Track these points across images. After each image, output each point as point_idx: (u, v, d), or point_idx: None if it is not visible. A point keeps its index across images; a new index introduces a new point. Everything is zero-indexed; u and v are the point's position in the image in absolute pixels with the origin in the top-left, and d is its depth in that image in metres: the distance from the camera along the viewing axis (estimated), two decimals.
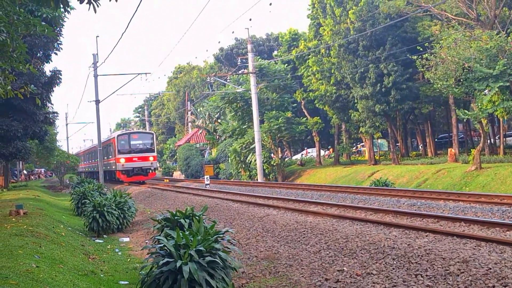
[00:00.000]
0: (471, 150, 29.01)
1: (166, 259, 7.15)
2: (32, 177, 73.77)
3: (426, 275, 7.16)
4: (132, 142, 38.92)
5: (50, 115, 28.25)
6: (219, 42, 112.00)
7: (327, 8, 37.46)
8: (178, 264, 6.93)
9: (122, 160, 38.19)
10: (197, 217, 9.45)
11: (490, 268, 6.83)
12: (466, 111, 25.90)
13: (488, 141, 33.10)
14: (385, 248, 8.65)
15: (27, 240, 10.86)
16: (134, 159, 38.18)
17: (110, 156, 41.40)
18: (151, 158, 38.86)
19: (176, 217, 9.84)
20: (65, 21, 22.97)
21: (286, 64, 43.52)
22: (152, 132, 43.92)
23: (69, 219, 19.11)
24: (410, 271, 7.44)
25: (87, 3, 6.36)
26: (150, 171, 39.27)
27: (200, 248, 7.16)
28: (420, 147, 48.70)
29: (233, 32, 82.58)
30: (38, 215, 16.10)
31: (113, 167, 40.00)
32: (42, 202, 23.57)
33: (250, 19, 77.09)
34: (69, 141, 72.62)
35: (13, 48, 9.34)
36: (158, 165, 53.75)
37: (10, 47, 9.28)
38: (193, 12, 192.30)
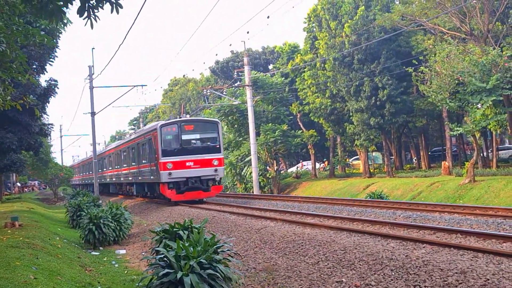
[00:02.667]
0: (465, 163, 29.19)
1: (166, 270, 7.18)
2: (25, 189, 73.32)
3: (425, 286, 7.21)
4: (184, 137, 24.12)
5: (46, 127, 28.20)
6: (216, 54, 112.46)
7: (322, 21, 37.84)
8: (179, 275, 6.96)
9: (169, 166, 23.50)
10: (196, 229, 9.48)
11: (488, 279, 6.89)
12: (457, 128, 26.14)
13: (481, 154, 33.32)
14: (383, 259, 8.69)
15: (23, 252, 10.82)
16: (188, 164, 23.66)
17: (145, 161, 27.21)
18: (215, 162, 23.85)
19: (175, 229, 9.86)
20: (61, 33, 23.06)
21: (284, 78, 43.78)
22: (216, 120, 26.74)
23: (64, 231, 19.01)
24: (409, 282, 7.48)
25: (85, 18, 6.36)
26: (214, 183, 24.25)
27: (201, 260, 7.19)
28: (414, 160, 48.92)
29: (230, 45, 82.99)
30: (34, 227, 16.03)
31: (153, 177, 25.35)
32: (36, 214, 23.45)
33: (248, 32, 77.85)
34: (63, 153, 72.35)
35: (12, 58, 9.41)
36: (224, 173, 34.11)
37: (10, 58, 9.34)
38: (190, 24, 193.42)
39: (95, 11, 6.27)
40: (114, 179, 38.77)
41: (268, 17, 34.28)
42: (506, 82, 23.77)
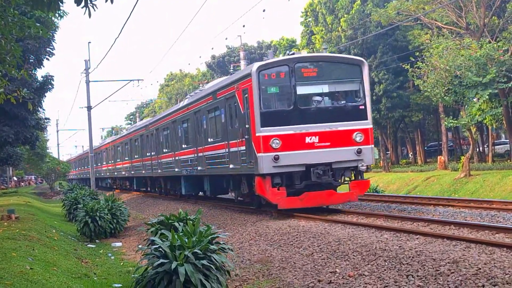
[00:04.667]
0: (461, 157, 29.36)
1: (161, 260, 7.22)
2: (22, 183, 73.24)
3: (417, 276, 7.29)
4: (302, 90, 14.05)
5: (42, 121, 28.16)
6: (212, 48, 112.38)
7: (319, 16, 37.86)
8: (174, 265, 7.00)
9: (276, 143, 13.39)
10: (191, 220, 9.54)
11: (480, 268, 6.97)
12: (452, 121, 26.28)
13: (477, 149, 33.48)
14: (376, 250, 8.77)
15: (20, 244, 10.87)
16: (309, 139, 13.61)
17: (214, 139, 17.16)
18: (358, 137, 13.84)
19: (170, 221, 9.90)
20: (58, 26, 23.01)
21: None
22: (359, 59, 14.89)
23: (61, 224, 19.06)
24: (402, 272, 7.56)
25: (83, 7, 6.35)
26: (356, 176, 14.39)
27: (196, 250, 7.24)
28: (410, 155, 49.08)
29: (226, 39, 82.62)
30: (30, 220, 16.07)
31: (244, 164, 14.56)
32: (33, 208, 23.48)
33: (244, 26, 77.58)
34: (59, 147, 72.28)
35: (7, 50, 9.38)
36: (376, 152, 22.37)
37: (5, 50, 9.31)
38: (186, 18, 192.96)
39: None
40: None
41: (264, 10, 34.12)
42: (502, 76, 23.87)
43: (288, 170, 13.55)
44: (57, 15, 15.63)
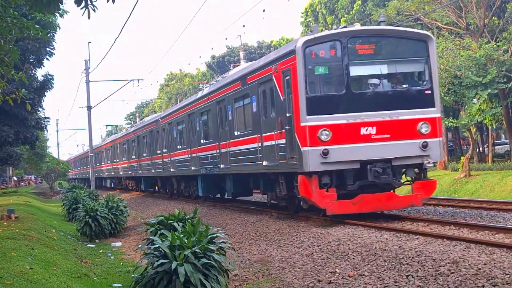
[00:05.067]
0: (460, 158, 29.33)
1: (161, 260, 7.22)
2: (22, 183, 73.25)
3: (417, 276, 7.29)
4: (356, 71, 11.83)
5: (42, 120, 28.17)
6: (212, 48, 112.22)
7: (319, 16, 37.87)
8: (174, 265, 7.00)
9: (324, 135, 11.29)
10: (189, 220, 9.54)
11: (480, 269, 6.97)
12: (451, 120, 26.30)
13: (477, 149, 33.48)
14: (376, 250, 8.77)
15: (20, 243, 10.87)
16: (364, 130, 11.48)
17: (250, 132, 14.55)
18: (423, 128, 11.72)
19: (169, 221, 9.91)
20: (59, 26, 23.02)
21: None
22: (426, 33, 12.62)
23: (60, 224, 19.06)
24: (401, 272, 7.56)
25: (82, 8, 6.32)
26: (420, 176, 12.09)
27: (196, 250, 7.24)
28: None
29: (226, 39, 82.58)
30: (30, 219, 16.08)
31: (283, 160, 12.35)
32: (33, 207, 23.48)
33: (244, 26, 77.47)
34: (59, 147, 72.32)
35: (5, 51, 9.36)
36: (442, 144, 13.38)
37: (4, 50, 9.30)
38: (186, 18, 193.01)
39: (93, 0, 6.24)
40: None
41: (264, 10, 34.07)
42: (502, 76, 23.88)
43: (339, 168, 11.45)
44: (58, 13, 15.62)
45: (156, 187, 29.52)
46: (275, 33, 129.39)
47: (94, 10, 6.38)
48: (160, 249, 7.40)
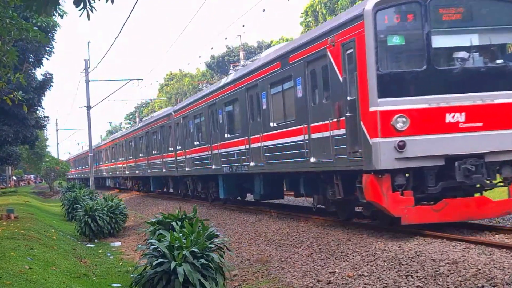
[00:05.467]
0: None
1: (160, 260, 7.23)
2: (21, 183, 73.23)
3: (417, 276, 7.28)
4: (440, 40, 9.34)
5: (42, 120, 28.17)
6: (212, 48, 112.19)
7: (319, 16, 37.90)
8: (172, 265, 7.01)
9: (400, 123, 8.96)
10: (187, 220, 9.52)
11: (479, 269, 6.96)
12: None
13: None
14: (376, 251, 8.76)
15: (19, 243, 10.87)
16: (449, 117, 9.15)
17: (292, 123, 12.17)
18: None
19: (168, 220, 9.90)
20: (58, 28, 23.02)
21: None
22: None
23: (60, 224, 19.06)
24: (401, 272, 7.55)
25: (81, 9, 6.28)
26: None
27: (194, 250, 7.24)
28: None
29: (226, 39, 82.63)
30: (29, 219, 16.07)
31: (341, 155, 10.05)
32: (32, 207, 23.48)
33: (244, 26, 77.46)
34: (59, 147, 72.31)
35: (4, 52, 9.36)
36: None
37: (2, 51, 9.30)
38: (186, 18, 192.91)
39: (91, 1, 6.22)
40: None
41: (263, 10, 34.06)
42: None
43: (419, 165, 9.13)
44: (56, 14, 15.61)
45: (165, 188, 27.79)
46: (275, 33, 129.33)
47: (92, 12, 6.36)
48: (159, 249, 7.40)
